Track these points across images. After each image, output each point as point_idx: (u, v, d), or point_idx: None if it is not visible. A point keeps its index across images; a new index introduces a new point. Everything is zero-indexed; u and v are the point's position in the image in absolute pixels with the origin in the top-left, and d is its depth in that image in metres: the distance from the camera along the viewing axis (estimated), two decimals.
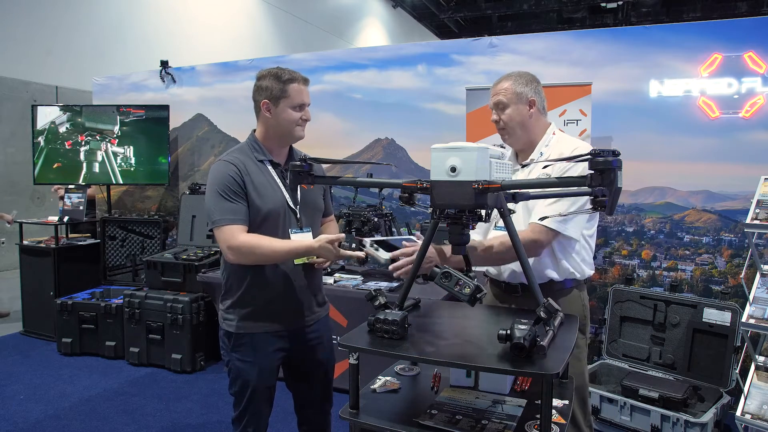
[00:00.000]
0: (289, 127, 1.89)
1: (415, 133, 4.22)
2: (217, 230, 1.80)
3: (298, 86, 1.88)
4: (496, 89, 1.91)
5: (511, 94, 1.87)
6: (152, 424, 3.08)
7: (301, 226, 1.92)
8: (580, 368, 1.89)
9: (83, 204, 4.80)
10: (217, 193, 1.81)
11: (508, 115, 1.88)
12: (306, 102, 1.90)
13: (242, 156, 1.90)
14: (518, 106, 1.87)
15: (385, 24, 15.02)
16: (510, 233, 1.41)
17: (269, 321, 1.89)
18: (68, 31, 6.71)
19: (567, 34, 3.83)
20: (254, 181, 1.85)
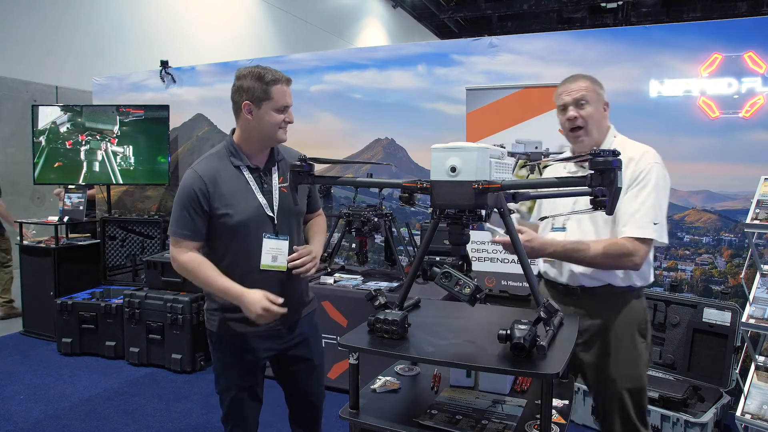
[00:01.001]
0: (272, 130, 1.80)
1: (415, 133, 4.22)
2: (170, 239, 1.83)
3: (282, 87, 1.79)
4: (573, 87, 1.85)
5: (593, 92, 1.84)
6: (152, 424, 3.08)
7: (277, 232, 1.85)
8: (638, 372, 1.86)
9: (83, 204, 4.80)
10: (178, 202, 1.80)
11: (588, 113, 1.83)
12: (290, 104, 1.83)
13: (216, 162, 1.84)
14: (597, 106, 1.85)
15: (385, 24, 15.02)
16: (510, 233, 1.41)
17: (249, 322, 1.81)
18: (68, 31, 6.71)
19: (567, 34, 3.83)
20: (224, 192, 1.80)
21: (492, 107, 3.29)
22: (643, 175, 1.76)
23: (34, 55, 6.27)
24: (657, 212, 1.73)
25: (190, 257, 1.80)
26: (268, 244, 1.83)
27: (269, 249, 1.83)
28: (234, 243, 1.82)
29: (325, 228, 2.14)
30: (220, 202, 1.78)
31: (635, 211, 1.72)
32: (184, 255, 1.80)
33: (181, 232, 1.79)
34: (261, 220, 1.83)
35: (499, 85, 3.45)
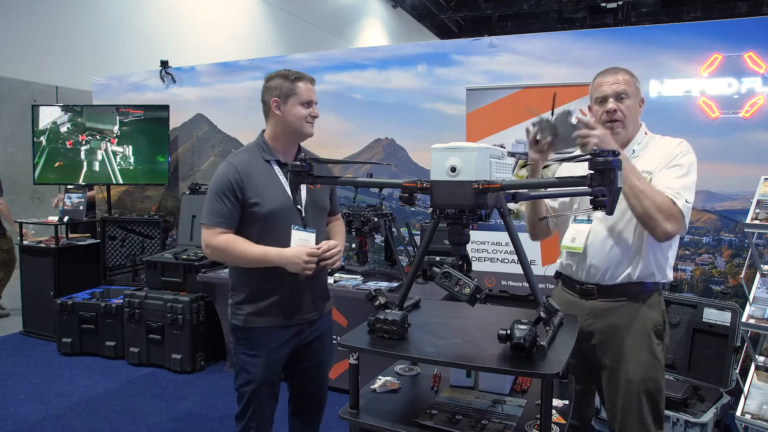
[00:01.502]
0: (299, 123, 1.93)
1: (415, 133, 4.22)
2: (202, 228, 1.92)
3: (306, 84, 1.94)
4: (615, 79, 1.81)
5: (633, 86, 1.81)
6: (152, 424, 3.08)
7: (305, 225, 1.94)
8: (656, 375, 1.80)
9: (83, 204, 4.80)
10: (212, 192, 1.90)
11: (627, 107, 1.80)
12: (314, 99, 1.96)
13: (249, 156, 1.96)
14: (635, 101, 1.82)
15: (385, 24, 15.02)
16: (510, 234, 1.41)
17: (275, 316, 1.93)
18: (68, 31, 6.71)
19: (567, 34, 3.83)
20: (257, 182, 1.90)
21: (492, 107, 3.29)
22: (681, 156, 1.75)
23: (34, 55, 6.27)
24: (691, 194, 1.72)
25: (223, 238, 1.88)
26: (297, 235, 1.91)
27: (297, 240, 1.91)
28: (264, 232, 1.90)
29: (344, 231, 2.24)
30: (252, 192, 1.88)
31: (679, 187, 1.70)
32: (217, 238, 1.88)
33: (216, 220, 1.88)
34: (289, 212, 1.92)
35: (499, 85, 3.45)
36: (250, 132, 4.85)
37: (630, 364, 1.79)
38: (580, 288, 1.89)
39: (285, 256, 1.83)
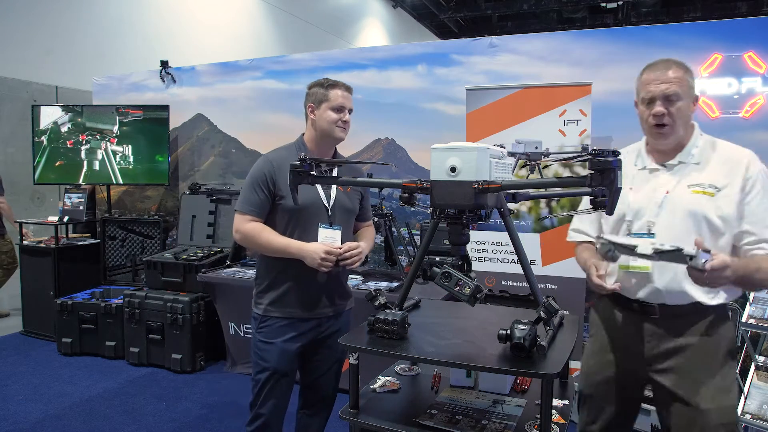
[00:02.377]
0: (329, 127, 2.02)
1: (415, 133, 4.22)
2: (235, 214, 2.04)
3: (339, 91, 2.04)
4: (666, 77, 1.59)
5: (686, 85, 1.59)
6: (152, 424, 3.08)
7: (332, 223, 2.02)
8: (731, 403, 1.59)
9: (83, 204, 4.80)
10: (247, 182, 2.02)
11: (679, 109, 1.58)
12: (346, 105, 2.04)
13: (286, 153, 2.06)
14: (688, 101, 1.60)
15: (385, 24, 15.01)
16: (510, 234, 1.41)
17: (293, 307, 2.00)
18: (68, 31, 6.70)
19: (567, 34, 3.83)
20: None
21: (492, 107, 3.29)
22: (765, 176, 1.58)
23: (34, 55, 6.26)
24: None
25: (252, 225, 1.99)
26: (323, 233, 2.00)
27: (324, 237, 1.99)
28: (290, 225, 2.00)
29: (373, 238, 2.27)
30: (283, 185, 1.97)
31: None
32: (246, 225, 1.99)
33: (247, 208, 2.00)
34: (317, 209, 2.01)
35: (499, 85, 3.44)
36: (251, 132, 4.89)
37: (703, 392, 1.55)
38: (639, 305, 1.64)
39: (305, 249, 1.91)
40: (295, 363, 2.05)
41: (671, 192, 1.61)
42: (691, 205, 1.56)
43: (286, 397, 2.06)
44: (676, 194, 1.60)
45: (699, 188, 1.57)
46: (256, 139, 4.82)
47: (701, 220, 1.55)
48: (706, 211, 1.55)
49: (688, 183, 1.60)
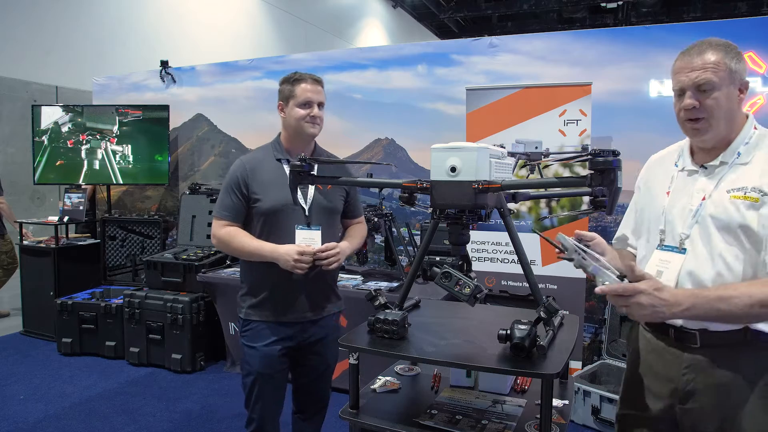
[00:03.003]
0: (297, 124, 1.96)
1: (415, 133, 4.22)
2: (213, 219, 2.02)
3: (306, 85, 1.97)
4: (698, 62, 1.33)
5: (724, 71, 1.31)
6: (152, 424, 3.08)
7: (309, 223, 1.96)
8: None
9: (83, 204, 4.80)
10: (223, 187, 2.00)
11: (715, 101, 1.31)
12: (313, 100, 1.97)
13: (262, 154, 2.04)
14: (730, 90, 1.33)
15: (385, 24, 15.01)
16: (510, 234, 1.40)
17: (274, 311, 1.97)
18: (68, 31, 6.70)
19: (567, 34, 3.83)
20: (263, 179, 1.97)
21: (492, 107, 3.29)
22: None
23: (34, 55, 6.27)
24: None
25: (227, 230, 1.97)
26: (301, 234, 1.94)
27: (302, 239, 1.93)
28: (266, 228, 1.96)
29: (362, 235, 2.18)
30: (256, 188, 1.95)
31: None
32: (222, 229, 1.98)
33: (222, 213, 1.98)
34: (292, 210, 1.94)
35: (499, 85, 3.45)
36: (250, 132, 4.89)
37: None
38: (675, 332, 1.38)
39: (278, 251, 1.87)
40: (280, 366, 2.01)
41: (708, 199, 1.33)
42: (726, 214, 1.29)
43: (276, 399, 2.03)
44: (712, 201, 1.32)
45: (740, 193, 1.28)
46: (256, 139, 4.82)
47: (738, 233, 1.27)
48: (747, 221, 1.26)
49: (728, 187, 1.31)
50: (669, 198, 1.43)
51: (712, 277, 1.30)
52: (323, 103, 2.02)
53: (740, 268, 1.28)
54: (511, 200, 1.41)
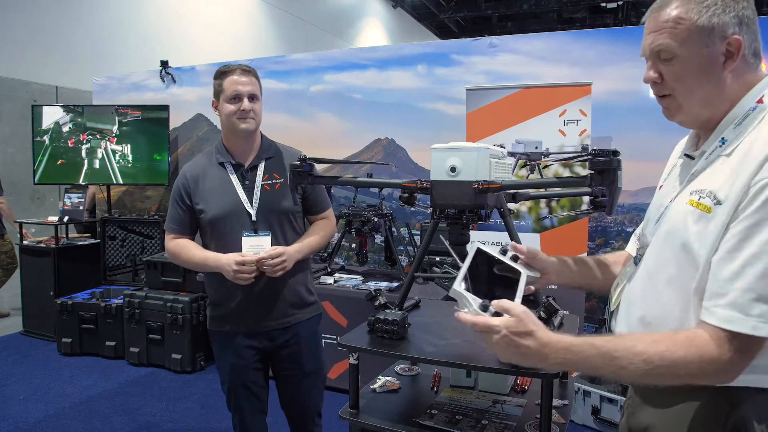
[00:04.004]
0: (228, 120, 1.85)
1: (415, 133, 4.22)
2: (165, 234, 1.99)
3: (233, 77, 1.83)
4: (655, 21, 0.99)
5: (687, 30, 0.94)
6: (152, 424, 3.08)
7: (256, 230, 1.85)
8: None
9: (83, 204, 4.80)
10: (171, 199, 1.96)
11: (675, 73, 0.97)
12: (242, 92, 1.82)
13: (204, 160, 1.95)
14: (701, 53, 0.94)
15: (385, 24, 15.01)
16: (510, 234, 1.40)
17: (230, 322, 1.91)
18: (68, 31, 6.71)
19: (567, 34, 3.83)
20: (205, 187, 1.89)
21: (492, 107, 3.29)
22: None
23: (34, 55, 6.27)
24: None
25: (175, 242, 1.94)
26: (248, 242, 1.83)
27: (249, 247, 1.82)
28: (213, 239, 1.90)
29: (324, 231, 2.01)
30: (199, 198, 1.88)
31: (733, 275, 0.86)
32: (170, 242, 1.95)
33: (171, 226, 1.96)
34: (238, 216, 1.85)
35: (499, 85, 3.45)
36: None
37: None
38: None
39: (220, 262, 1.79)
40: (253, 376, 1.92)
41: (673, 201, 1.03)
42: (674, 224, 0.98)
43: (254, 408, 1.95)
44: (675, 204, 1.01)
45: (695, 197, 0.94)
46: None
47: (679, 254, 0.95)
48: (689, 239, 0.93)
49: (694, 187, 0.97)
50: (658, 193, 1.15)
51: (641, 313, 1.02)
52: (256, 95, 1.86)
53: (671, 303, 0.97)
54: (511, 200, 1.41)
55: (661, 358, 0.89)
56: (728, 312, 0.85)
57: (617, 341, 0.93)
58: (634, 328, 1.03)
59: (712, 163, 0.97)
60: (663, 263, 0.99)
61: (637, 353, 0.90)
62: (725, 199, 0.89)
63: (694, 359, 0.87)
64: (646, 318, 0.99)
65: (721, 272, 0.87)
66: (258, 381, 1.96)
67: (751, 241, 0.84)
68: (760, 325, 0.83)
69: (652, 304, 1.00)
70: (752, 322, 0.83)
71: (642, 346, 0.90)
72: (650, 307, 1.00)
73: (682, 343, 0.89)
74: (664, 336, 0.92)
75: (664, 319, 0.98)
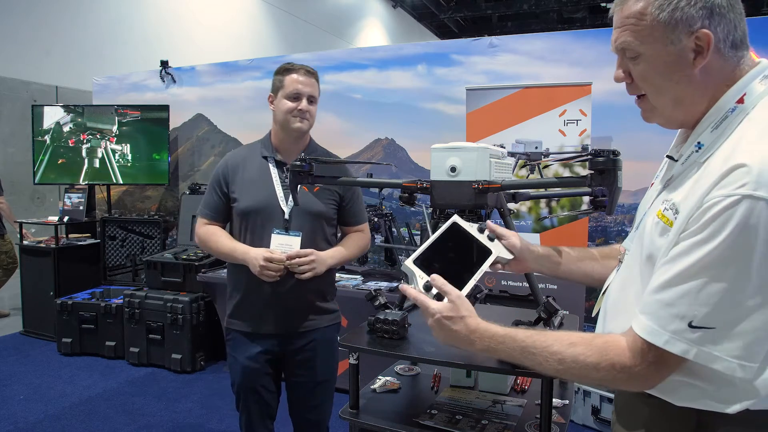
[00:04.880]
0: (284, 117, 1.86)
1: (415, 133, 4.22)
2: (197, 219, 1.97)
3: (295, 76, 1.85)
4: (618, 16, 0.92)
5: (649, 25, 0.87)
6: (152, 424, 3.08)
7: (288, 228, 1.84)
8: None
9: (83, 204, 4.80)
10: (209, 185, 1.97)
11: (641, 72, 0.92)
12: (303, 92, 1.84)
13: (247, 151, 1.97)
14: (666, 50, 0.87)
15: (385, 24, 15.01)
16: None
17: (248, 321, 1.89)
18: (68, 31, 6.71)
19: (567, 34, 3.83)
20: (244, 177, 1.89)
21: (492, 107, 3.29)
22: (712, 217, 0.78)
23: (34, 55, 6.27)
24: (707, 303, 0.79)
25: (206, 228, 1.92)
26: (277, 240, 1.81)
27: (278, 244, 1.81)
28: (243, 230, 1.88)
29: (359, 245, 2.00)
30: (235, 187, 1.89)
31: (660, 287, 0.83)
32: (201, 228, 1.93)
33: (204, 211, 1.95)
34: (272, 212, 1.85)
35: (499, 85, 3.45)
36: (250, 132, 4.89)
37: None
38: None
39: (249, 255, 1.78)
40: (264, 379, 1.90)
41: (651, 206, 0.97)
42: (644, 234, 0.94)
43: (262, 412, 1.93)
44: (650, 211, 0.96)
45: (662, 207, 0.89)
46: (256, 139, 4.82)
47: (644, 264, 0.91)
48: (651, 251, 0.89)
49: (665, 195, 0.92)
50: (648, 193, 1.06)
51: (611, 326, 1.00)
52: (315, 97, 1.88)
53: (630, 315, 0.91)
54: (511, 200, 1.41)
55: (574, 360, 0.90)
56: (648, 322, 0.84)
57: (537, 338, 0.96)
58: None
59: (688, 169, 0.89)
60: (634, 275, 0.95)
61: (552, 353, 0.92)
62: (681, 211, 0.84)
63: (605, 366, 0.88)
64: (616, 332, 0.94)
65: (653, 282, 0.85)
66: (268, 386, 1.94)
67: (686, 258, 0.80)
68: (674, 341, 0.81)
69: (622, 317, 0.95)
70: (665, 337, 0.82)
71: (558, 347, 0.92)
72: (619, 320, 0.96)
73: (598, 349, 0.89)
74: (583, 339, 0.92)
75: None
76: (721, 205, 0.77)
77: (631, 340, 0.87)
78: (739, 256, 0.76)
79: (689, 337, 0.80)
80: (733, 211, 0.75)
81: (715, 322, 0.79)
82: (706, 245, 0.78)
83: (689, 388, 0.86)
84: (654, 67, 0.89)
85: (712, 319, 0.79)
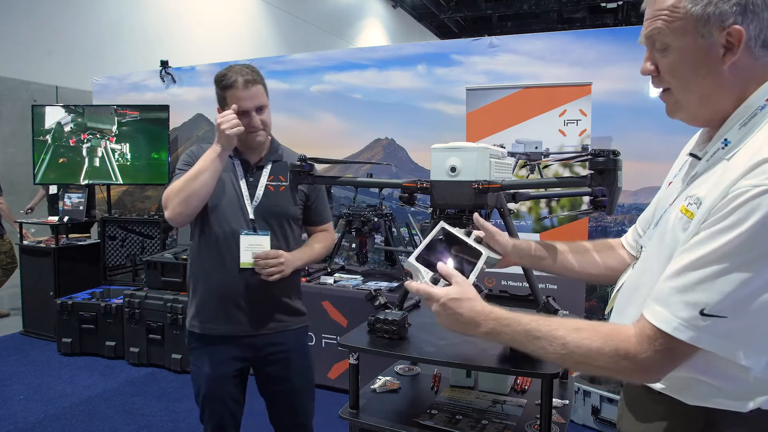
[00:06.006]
0: (241, 136, 1.73)
1: (415, 133, 4.22)
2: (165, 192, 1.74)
3: (235, 93, 1.70)
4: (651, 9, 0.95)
5: (683, 18, 0.87)
6: (152, 424, 3.08)
7: (254, 228, 1.77)
8: None
9: (83, 204, 4.80)
10: (180, 167, 1.77)
11: (669, 64, 0.92)
12: (248, 108, 1.71)
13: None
14: (697, 44, 0.87)
15: (385, 24, 15.01)
16: (510, 234, 1.40)
17: (218, 321, 1.78)
18: (68, 31, 6.71)
19: (567, 34, 3.83)
20: None
21: (492, 107, 3.29)
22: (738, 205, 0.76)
23: (34, 55, 6.27)
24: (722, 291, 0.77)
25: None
26: (246, 241, 1.74)
27: (248, 246, 1.74)
28: (205, 227, 1.77)
29: (324, 244, 1.95)
30: None
31: (675, 273, 0.82)
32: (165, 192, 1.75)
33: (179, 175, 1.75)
34: (235, 210, 1.77)
35: (499, 85, 3.45)
36: None
37: None
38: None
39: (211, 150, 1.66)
40: (230, 387, 1.80)
41: (673, 204, 0.95)
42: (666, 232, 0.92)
43: (227, 421, 1.82)
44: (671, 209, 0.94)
45: (686, 202, 0.87)
46: None
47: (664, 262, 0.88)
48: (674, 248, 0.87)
49: (688, 192, 0.90)
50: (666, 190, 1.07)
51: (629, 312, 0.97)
52: (263, 105, 1.76)
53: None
54: (511, 200, 1.41)
55: (577, 345, 0.88)
56: (658, 308, 0.83)
57: (542, 322, 0.94)
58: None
59: (713, 166, 0.87)
60: (651, 272, 0.92)
61: (557, 337, 0.91)
62: (704, 203, 0.83)
63: (609, 352, 0.86)
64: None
65: (668, 270, 0.84)
66: (234, 396, 1.83)
67: (706, 245, 0.79)
68: (683, 328, 0.79)
69: (634, 313, 0.91)
70: (675, 323, 0.80)
71: (563, 332, 0.91)
72: (631, 316, 0.92)
73: (603, 335, 0.88)
74: (590, 325, 0.91)
75: None
76: (748, 194, 0.76)
77: (639, 327, 0.85)
78: (763, 246, 0.75)
79: (699, 325, 0.79)
80: (760, 201, 0.75)
81: (728, 311, 0.77)
82: (729, 233, 0.77)
83: (703, 386, 0.85)
84: (683, 59, 0.89)
85: (724, 308, 0.77)
